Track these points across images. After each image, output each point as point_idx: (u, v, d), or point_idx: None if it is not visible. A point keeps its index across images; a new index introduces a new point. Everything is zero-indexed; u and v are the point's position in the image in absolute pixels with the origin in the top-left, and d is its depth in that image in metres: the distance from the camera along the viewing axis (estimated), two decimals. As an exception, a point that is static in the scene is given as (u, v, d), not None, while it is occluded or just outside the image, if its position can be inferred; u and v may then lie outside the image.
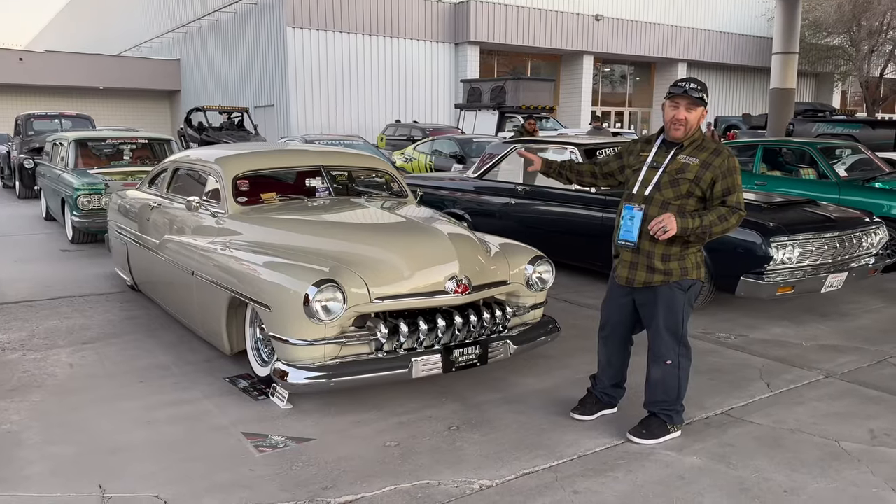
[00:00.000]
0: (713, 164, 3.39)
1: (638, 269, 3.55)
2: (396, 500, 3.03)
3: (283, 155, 5.71)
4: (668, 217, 3.33)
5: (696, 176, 3.40)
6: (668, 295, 3.51)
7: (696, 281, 3.56)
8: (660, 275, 3.49)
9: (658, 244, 3.46)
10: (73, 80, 32.26)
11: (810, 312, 6.05)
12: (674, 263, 3.48)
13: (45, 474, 3.22)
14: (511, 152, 7.84)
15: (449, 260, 4.07)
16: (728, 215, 3.38)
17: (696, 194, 3.43)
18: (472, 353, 4.08)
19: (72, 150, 9.95)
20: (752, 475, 3.24)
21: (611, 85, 34.94)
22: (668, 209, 3.42)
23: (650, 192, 3.50)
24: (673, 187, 3.45)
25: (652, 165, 3.54)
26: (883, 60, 33.03)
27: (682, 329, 3.55)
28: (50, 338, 5.21)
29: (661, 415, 3.62)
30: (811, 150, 8.53)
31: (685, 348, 3.58)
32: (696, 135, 3.48)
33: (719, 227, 3.38)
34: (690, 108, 3.42)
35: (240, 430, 3.68)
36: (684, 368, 3.59)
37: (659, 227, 3.33)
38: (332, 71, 26.15)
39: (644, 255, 3.51)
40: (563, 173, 4.04)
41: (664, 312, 3.53)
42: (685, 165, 3.43)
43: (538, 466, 3.31)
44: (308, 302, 3.67)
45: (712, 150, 3.44)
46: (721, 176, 3.39)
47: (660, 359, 3.58)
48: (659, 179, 3.49)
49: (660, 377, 3.59)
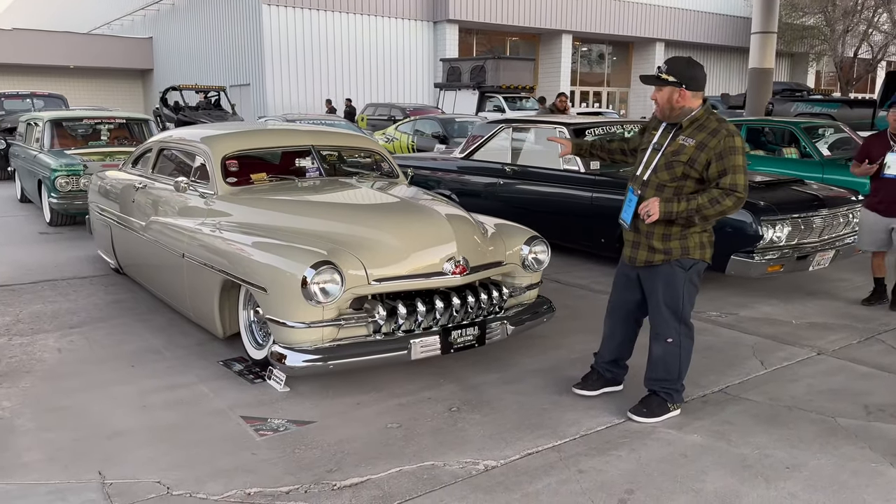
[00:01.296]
0: (708, 146, 3.34)
1: (640, 248, 3.58)
2: (402, 482, 3.01)
3: (273, 134, 5.62)
4: (652, 202, 3.37)
5: (691, 158, 3.37)
6: (668, 272, 3.52)
7: (699, 261, 3.53)
8: (660, 254, 3.50)
9: (657, 225, 3.47)
10: (43, 59, 31.52)
11: (798, 290, 6.11)
12: (674, 243, 3.47)
13: (43, 461, 3.16)
14: (499, 132, 7.80)
15: (447, 241, 4.04)
16: (721, 198, 3.30)
17: (692, 176, 3.40)
18: (471, 334, 4.07)
19: (47, 131, 9.71)
20: (754, 452, 3.27)
21: (589, 65, 34.93)
22: (663, 192, 3.43)
23: (648, 175, 3.52)
24: (668, 170, 3.44)
25: (654, 147, 3.56)
26: (857, 41, 33.38)
27: (683, 307, 3.54)
28: (35, 322, 5.11)
29: (662, 393, 3.64)
30: (795, 130, 8.59)
31: (686, 327, 3.58)
32: (699, 114, 3.43)
33: (711, 210, 3.32)
34: (658, 88, 3.44)
35: (238, 414, 3.64)
36: (685, 348, 3.60)
37: (643, 211, 3.39)
38: (309, 49, 25.84)
39: (644, 235, 3.53)
40: (594, 153, 4.09)
41: (663, 289, 3.54)
42: (681, 147, 3.41)
43: (541, 446, 3.32)
44: (306, 284, 3.63)
45: (711, 131, 3.37)
46: (716, 157, 3.32)
47: (660, 336, 3.59)
48: (657, 162, 3.50)
49: (661, 354, 3.61)
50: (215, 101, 20.83)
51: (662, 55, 33.70)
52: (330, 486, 2.98)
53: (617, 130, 7.22)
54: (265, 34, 25.02)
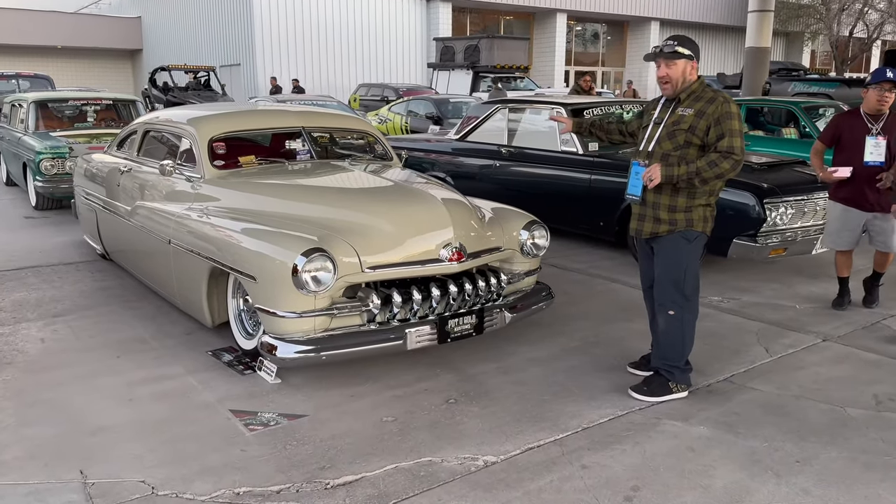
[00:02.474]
0: (707, 113, 3.43)
1: (645, 220, 3.63)
2: (398, 480, 2.89)
3: (261, 115, 5.43)
4: (654, 167, 3.45)
5: (691, 126, 3.45)
6: (672, 243, 3.56)
7: (702, 234, 3.57)
8: (665, 224, 3.55)
9: (663, 196, 3.53)
10: (28, 39, 30.93)
11: (799, 274, 6.00)
12: (679, 215, 3.52)
13: (23, 458, 3.02)
14: (494, 113, 7.63)
15: (443, 226, 3.90)
16: (719, 160, 3.37)
17: (694, 143, 3.46)
18: (468, 322, 3.94)
19: (32, 112, 9.47)
20: (762, 445, 3.16)
21: (583, 44, 34.59)
22: (668, 161, 3.48)
23: (652, 147, 3.59)
24: (670, 139, 3.52)
25: (655, 122, 3.64)
26: (852, 19, 33.15)
27: (685, 279, 3.57)
28: (18, 311, 4.95)
29: (663, 371, 3.62)
30: (796, 110, 8.44)
31: (687, 301, 3.58)
32: (694, 86, 3.52)
33: (710, 172, 3.37)
34: (669, 64, 3.49)
35: (227, 408, 3.51)
36: (688, 323, 3.60)
37: (646, 176, 3.46)
38: (301, 29, 25.45)
39: (650, 206, 3.59)
40: (593, 132, 4.21)
41: (665, 260, 3.59)
42: (681, 117, 3.50)
43: (543, 440, 3.19)
44: (297, 272, 3.48)
45: (707, 99, 3.47)
46: (714, 122, 3.41)
47: (662, 308, 3.61)
48: (659, 134, 3.57)
49: (664, 328, 3.62)
50: (205, 81, 20.51)
51: (658, 34, 33.42)
52: (323, 485, 2.85)
53: (615, 111, 7.05)
54: (255, 13, 24.61)
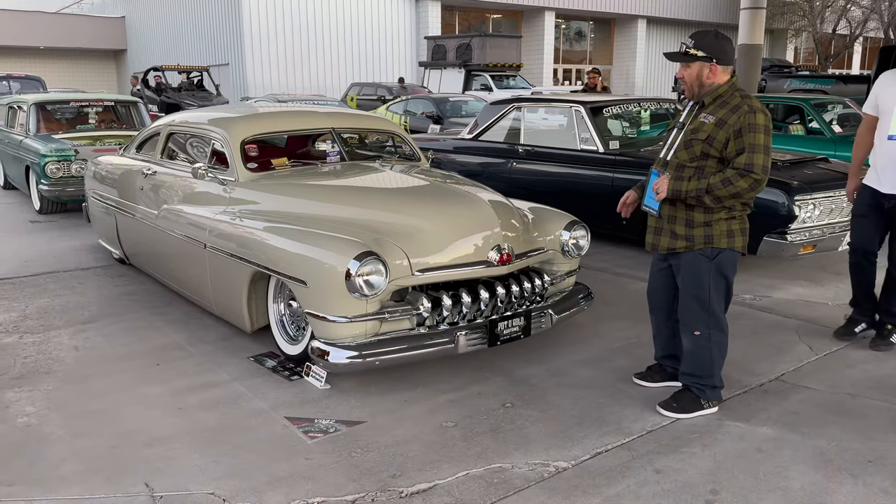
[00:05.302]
0: (728, 122, 3.16)
1: (662, 234, 3.43)
2: (472, 488, 2.84)
3: (291, 117, 5.34)
4: (663, 179, 3.26)
5: (710, 136, 3.20)
6: (692, 261, 3.35)
7: (726, 250, 3.31)
8: (682, 241, 3.34)
9: (679, 209, 3.32)
10: (10, 40, 30.50)
11: (824, 271, 6.02)
12: (698, 230, 3.29)
13: (83, 472, 2.94)
14: (509, 111, 7.59)
15: (491, 228, 3.86)
16: (734, 178, 3.11)
17: (711, 155, 3.21)
18: (517, 325, 3.90)
19: (33, 114, 9.30)
20: (830, 445, 3.14)
21: (570, 42, 34.68)
22: (683, 172, 3.28)
23: (669, 155, 3.38)
24: (686, 149, 3.29)
25: (678, 126, 3.43)
26: (835, 16, 33.52)
27: (709, 299, 3.33)
28: (44, 318, 4.84)
29: (694, 388, 3.45)
30: (805, 106, 8.48)
31: (715, 319, 3.36)
32: (722, 90, 3.25)
33: (723, 190, 3.13)
34: (685, 66, 3.29)
35: (282, 415, 3.44)
36: (717, 342, 3.38)
37: (655, 189, 3.29)
38: (290, 27, 25.29)
39: (666, 219, 3.38)
40: None
41: (687, 279, 3.38)
42: (701, 125, 3.25)
43: (610, 444, 3.16)
44: (350, 276, 3.42)
45: (732, 107, 3.19)
46: (734, 134, 3.14)
47: (687, 328, 3.43)
48: (678, 141, 3.35)
49: (690, 348, 3.44)
50: (198, 81, 20.29)
51: (645, 32, 33.59)
52: (397, 494, 2.80)
53: (634, 109, 7.05)
54: (244, 12, 24.42)
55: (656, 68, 34.24)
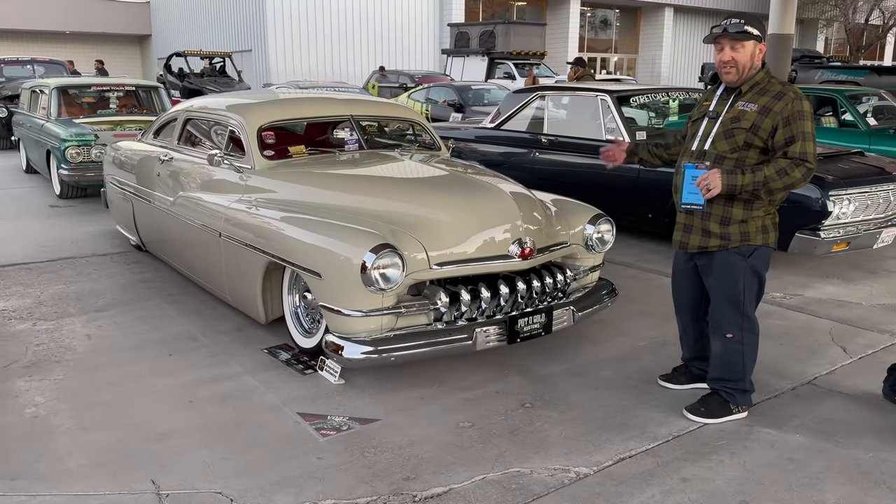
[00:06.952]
0: (773, 110, 2.99)
1: (693, 232, 3.24)
2: (489, 493, 2.72)
3: (309, 104, 5.23)
4: (713, 173, 2.99)
5: (754, 124, 3.02)
6: (725, 261, 3.17)
7: (761, 247, 3.16)
8: (716, 239, 3.15)
9: (716, 205, 3.12)
10: (39, 24, 30.73)
11: (857, 269, 5.81)
12: (733, 227, 3.12)
13: (89, 467, 2.86)
14: (533, 100, 7.41)
15: (512, 220, 3.72)
16: (789, 168, 2.94)
17: (755, 145, 3.04)
18: (538, 322, 3.76)
19: (54, 99, 9.28)
20: (867, 456, 2.99)
21: (595, 31, 34.23)
22: (723, 164, 3.07)
23: (707, 146, 3.16)
24: (727, 139, 3.09)
25: (711, 116, 3.21)
26: (868, 6, 32.72)
27: (744, 299, 3.18)
28: (58, 305, 4.79)
29: (723, 393, 3.30)
30: (840, 98, 8.22)
31: (749, 321, 3.21)
32: (759, 76, 3.08)
33: (779, 182, 2.95)
34: (736, 46, 3.05)
35: (294, 411, 3.34)
36: (748, 344, 3.23)
37: (703, 184, 3.00)
38: (313, 14, 25.16)
39: (699, 216, 3.18)
40: (654, 153, 3.64)
41: (721, 280, 3.20)
42: (742, 113, 3.06)
43: (634, 450, 3.02)
44: (366, 269, 3.30)
45: (775, 94, 3.03)
46: (782, 123, 2.97)
47: (719, 331, 3.26)
48: (715, 131, 3.14)
49: (720, 351, 3.28)
50: (220, 67, 20.27)
51: (672, 21, 33.05)
52: (411, 497, 2.69)
53: (661, 98, 6.85)
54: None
55: (683, 58, 33.70)
